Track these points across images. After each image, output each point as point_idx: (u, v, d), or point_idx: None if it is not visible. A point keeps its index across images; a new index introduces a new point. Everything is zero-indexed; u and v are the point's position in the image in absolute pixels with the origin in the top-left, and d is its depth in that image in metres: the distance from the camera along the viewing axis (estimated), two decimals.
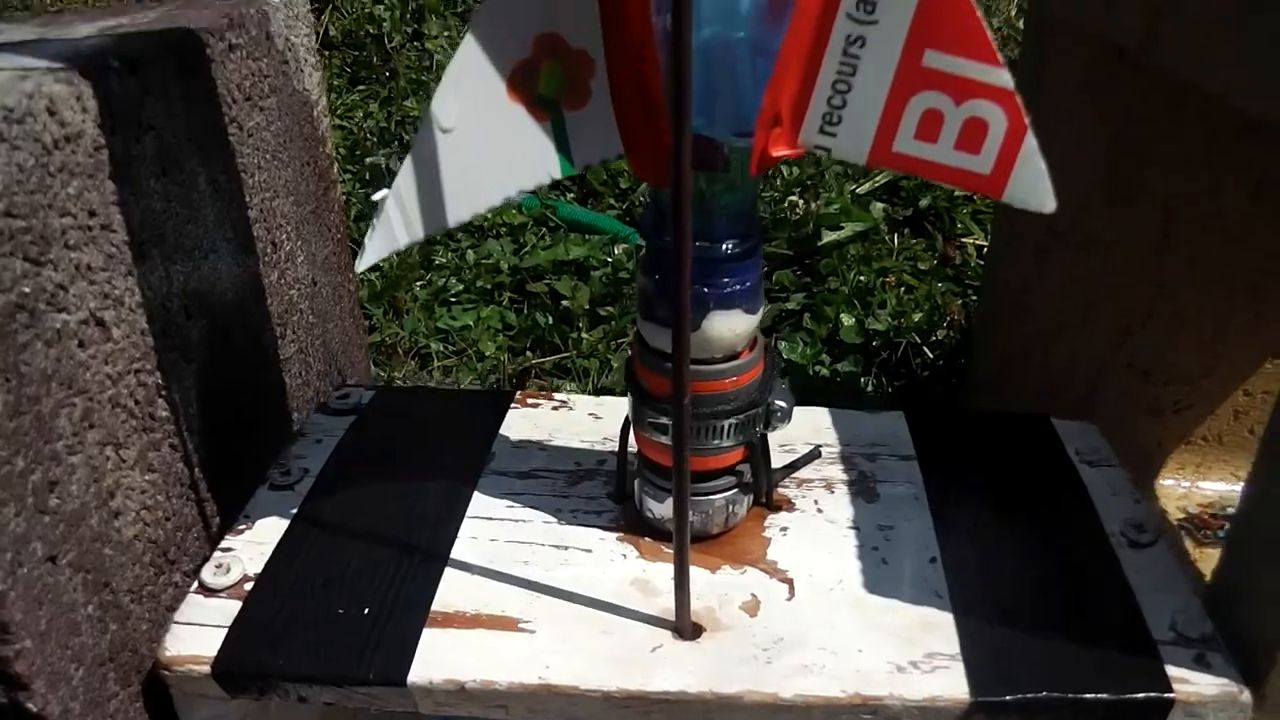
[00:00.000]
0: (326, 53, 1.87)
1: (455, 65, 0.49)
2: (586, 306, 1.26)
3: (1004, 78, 0.52)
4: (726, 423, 0.58)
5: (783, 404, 0.61)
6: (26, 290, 0.51)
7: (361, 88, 1.74)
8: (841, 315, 1.24)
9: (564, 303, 1.28)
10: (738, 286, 0.55)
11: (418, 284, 1.34)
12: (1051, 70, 0.91)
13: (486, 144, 0.51)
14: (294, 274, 0.91)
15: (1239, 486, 1.08)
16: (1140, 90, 0.86)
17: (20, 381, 0.50)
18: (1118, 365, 1.03)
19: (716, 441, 0.59)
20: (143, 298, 0.63)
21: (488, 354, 1.24)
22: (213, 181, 0.75)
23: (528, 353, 1.25)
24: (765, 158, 0.53)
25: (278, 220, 0.88)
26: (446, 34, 1.80)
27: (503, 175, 0.52)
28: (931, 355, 1.21)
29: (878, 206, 1.38)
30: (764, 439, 0.63)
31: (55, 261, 0.54)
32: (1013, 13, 1.79)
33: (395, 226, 0.51)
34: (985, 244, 1.38)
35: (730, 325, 0.56)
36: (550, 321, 1.25)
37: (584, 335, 1.23)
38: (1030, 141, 0.54)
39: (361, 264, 0.51)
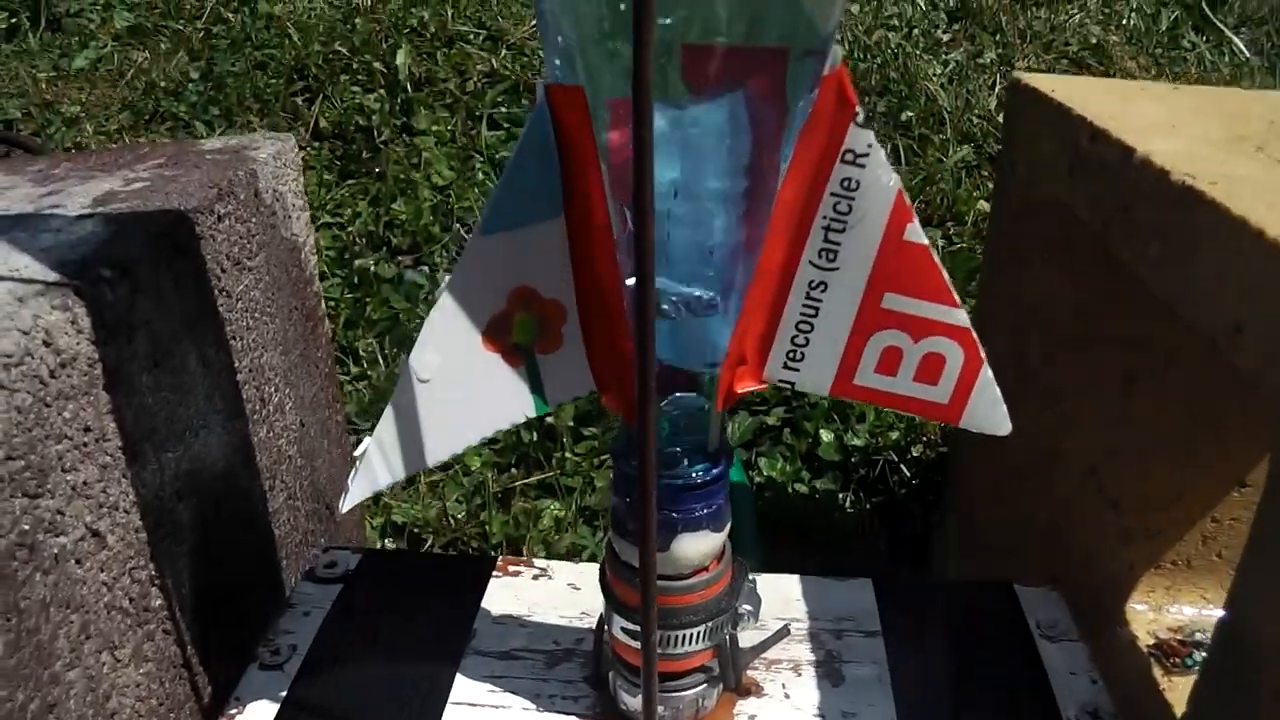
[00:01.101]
0: (316, 144, 1.90)
1: (433, 319, 0.52)
2: (570, 424, 1.29)
3: (960, 317, 0.55)
4: (695, 630, 0.61)
5: (750, 607, 0.63)
6: (26, 527, 0.54)
7: (351, 182, 1.77)
8: (821, 431, 1.26)
9: (548, 419, 1.30)
10: (705, 510, 0.58)
11: None
12: (1018, 227, 0.94)
13: (463, 391, 0.53)
14: (282, 423, 0.94)
15: (1208, 611, 1.10)
16: (1099, 253, 0.89)
17: (20, 619, 0.53)
18: (1087, 497, 1.06)
19: (685, 648, 0.61)
20: (136, 497, 0.66)
21: (473, 469, 1.26)
22: (202, 358, 0.77)
23: (513, 469, 1.27)
24: (731, 394, 0.56)
25: (266, 374, 0.90)
26: (435, 127, 1.82)
27: (479, 418, 0.55)
28: (909, 473, 1.24)
29: None
30: (733, 635, 0.65)
31: (52, 489, 0.56)
32: (992, 106, 1.83)
33: (377, 468, 0.53)
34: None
35: (697, 546, 0.58)
36: (535, 438, 1.28)
37: (568, 454, 1.25)
38: (986, 373, 0.57)
39: (344, 505, 0.53)
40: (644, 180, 0.40)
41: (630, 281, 0.51)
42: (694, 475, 0.58)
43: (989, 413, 0.57)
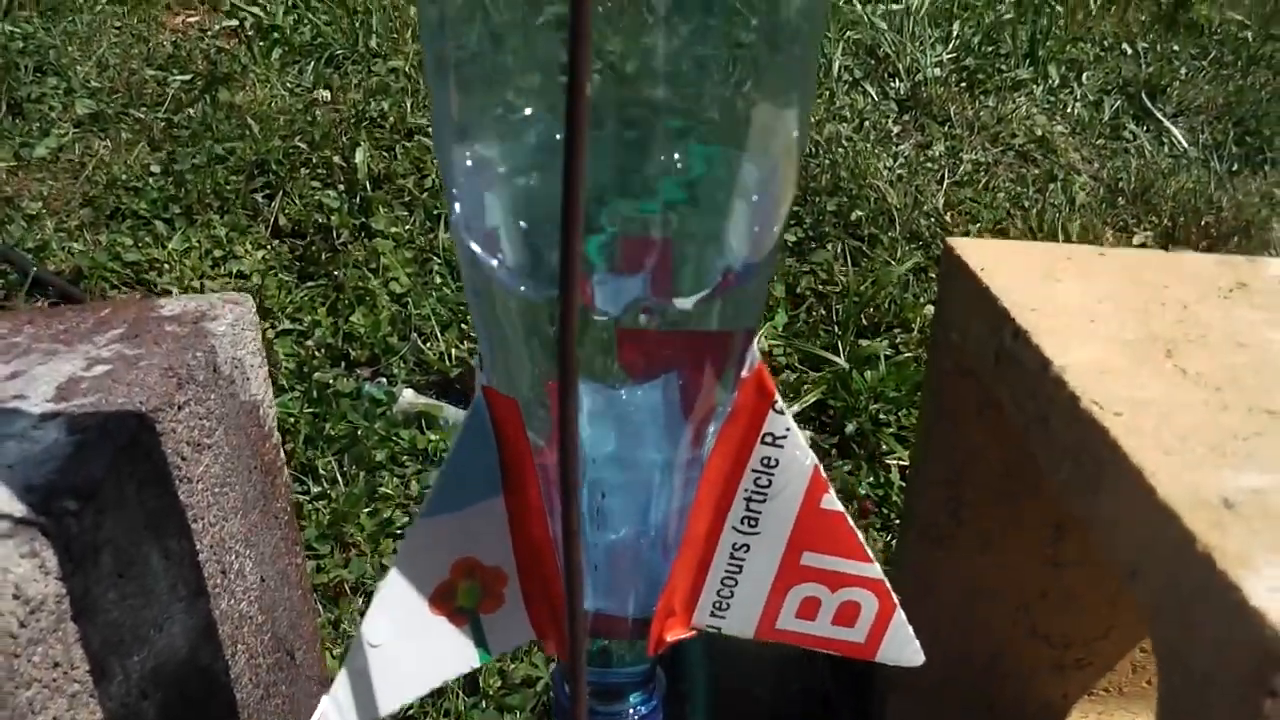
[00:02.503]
0: (276, 241, 1.93)
1: (382, 592, 0.55)
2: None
3: (874, 570, 0.59)
4: None
5: None
6: None
7: (310, 284, 1.80)
8: None
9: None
10: None
11: (365, 512, 1.40)
12: (952, 386, 0.99)
13: (413, 649, 0.57)
14: (243, 586, 0.97)
15: None
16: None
17: None
18: (1019, 634, 1.10)
19: None
20: (104, 712, 0.69)
21: None
22: (165, 552, 0.80)
23: None
24: (661, 641, 0.60)
25: (227, 544, 0.93)
26: (393, 229, 1.86)
27: (428, 671, 0.58)
28: None
29: (804, 435, 1.45)
30: None
31: None
32: (940, 204, 1.88)
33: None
34: (907, 464, 1.45)
35: None
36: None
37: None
38: (899, 616, 0.61)
39: None
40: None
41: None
42: (630, 710, 0.61)
43: (902, 648, 0.61)
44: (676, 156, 0.51)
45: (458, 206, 0.50)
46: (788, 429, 0.55)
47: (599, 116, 0.48)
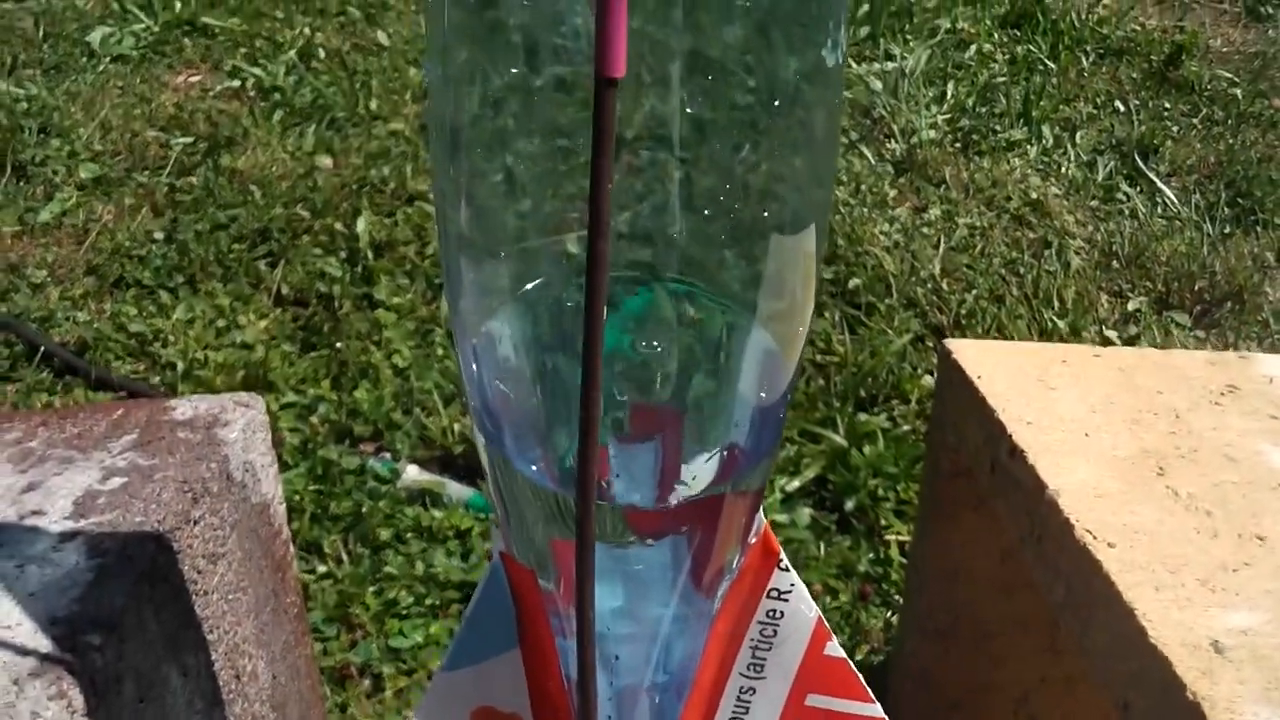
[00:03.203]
0: (278, 309, 1.95)
1: None
2: None
3: (876, 709, 0.61)
4: None
5: None
6: None
7: (313, 354, 1.82)
8: None
9: None
10: None
11: (370, 592, 1.41)
12: (949, 485, 1.01)
13: None
14: (255, 688, 0.98)
15: None
16: None
17: None
18: None
19: None
20: None
21: None
22: (183, 669, 0.82)
23: None
24: None
25: (241, 649, 0.95)
26: (395, 299, 1.88)
27: None
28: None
29: (804, 514, 1.47)
30: None
31: None
32: (937, 271, 1.90)
33: None
34: (908, 539, 1.47)
35: None
36: None
37: None
38: None
39: None
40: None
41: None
42: None
43: None
44: (690, 313, 0.53)
45: (470, 391, 0.52)
46: (792, 584, 0.57)
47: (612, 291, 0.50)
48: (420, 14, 2.99)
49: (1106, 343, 1.85)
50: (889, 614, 1.40)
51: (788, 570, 0.57)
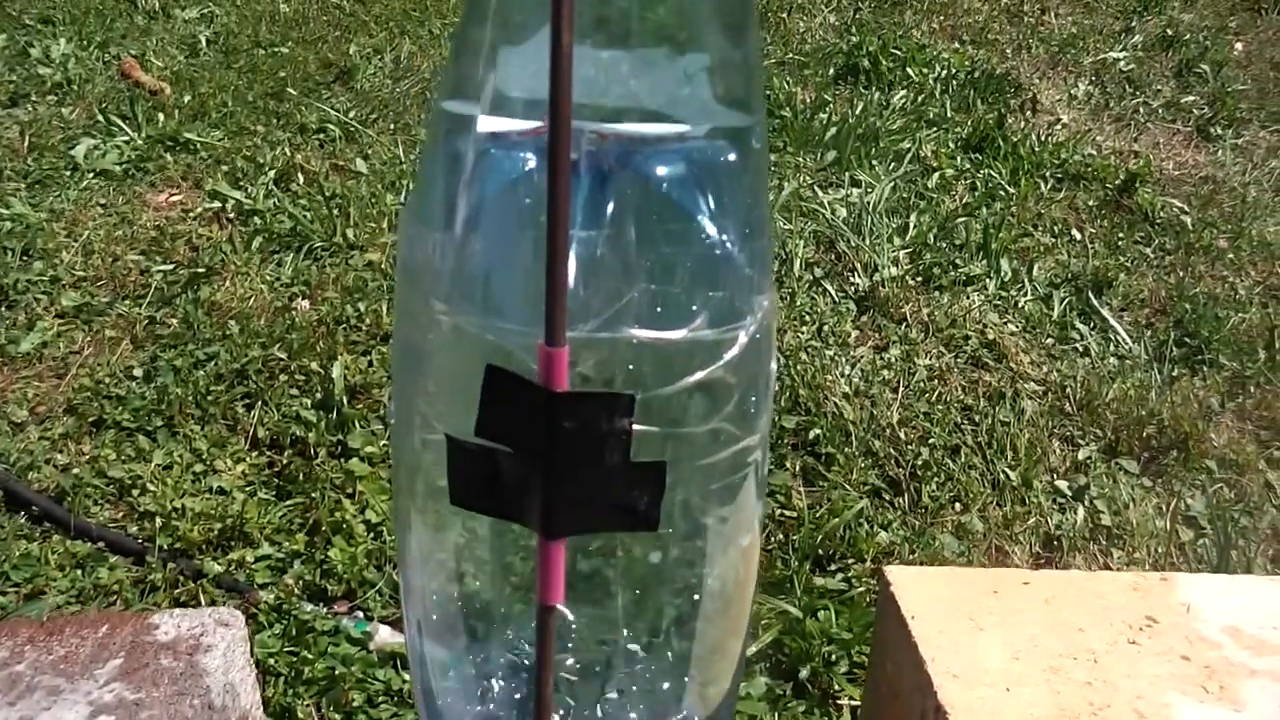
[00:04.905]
0: (254, 452, 2.01)
1: None
2: None
3: None
4: None
5: None
6: None
7: (288, 503, 1.87)
8: None
9: None
10: None
11: None
12: (885, 710, 1.06)
13: None
14: None
15: None
16: None
17: None
18: None
19: None
20: None
21: None
22: None
23: None
24: None
25: None
26: (368, 448, 1.94)
27: None
28: None
29: (760, 682, 1.53)
30: None
31: None
32: (895, 420, 1.96)
33: None
34: (857, 703, 1.52)
35: None
36: None
37: None
38: None
39: None
40: None
41: None
42: None
43: None
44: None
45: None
46: None
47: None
48: (397, 138, 3.07)
49: (1057, 494, 1.92)
50: None
51: None
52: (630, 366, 0.50)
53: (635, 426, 0.48)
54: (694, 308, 0.50)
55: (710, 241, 0.50)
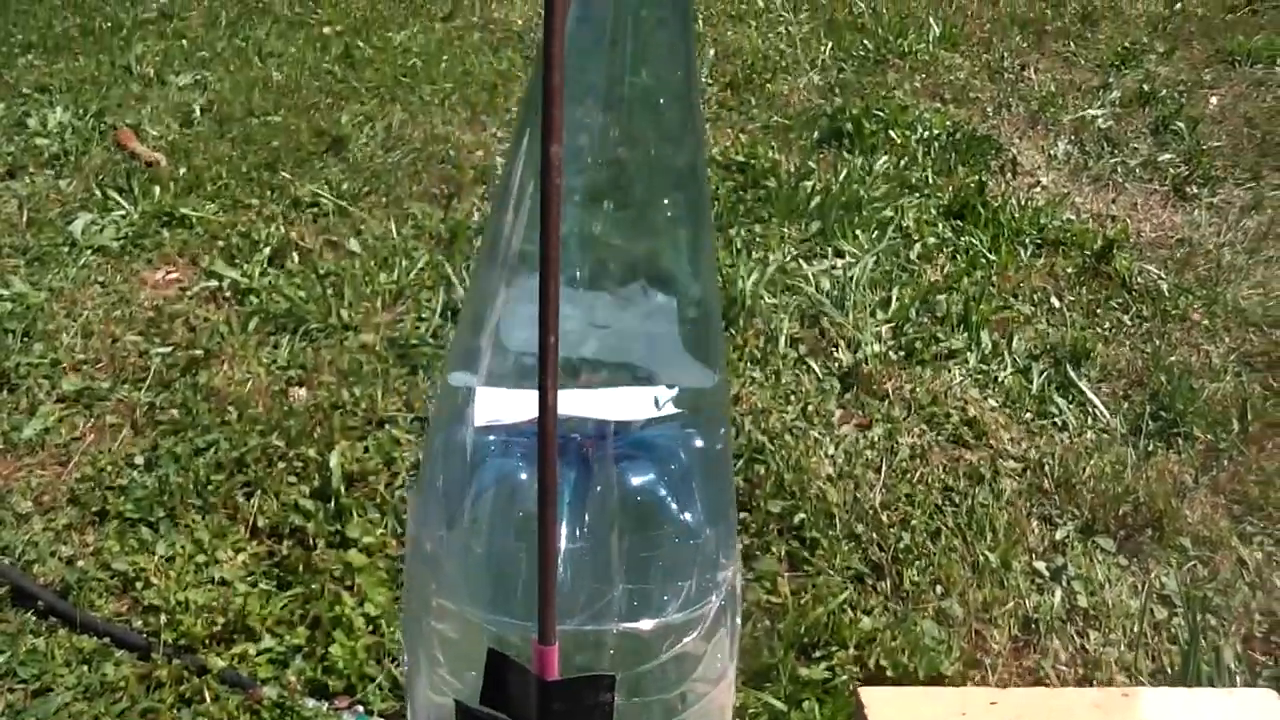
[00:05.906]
0: (254, 541, 2.06)
1: None
2: None
3: None
4: None
5: None
6: None
7: (289, 594, 1.92)
8: None
9: None
10: None
11: None
12: None
13: None
14: None
15: None
16: None
17: None
18: None
19: None
20: None
21: None
22: None
23: None
24: None
25: None
26: (367, 538, 1.99)
27: None
28: None
29: None
30: None
31: None
32: (877, 503, 2.01)
33: None
34: None
35: None
36: None
37: None
38: None
39: None
40: None
41: None
42: None
43: None
44: None
45: None
46: None
47: None
48: (390, 212, 3.13)
49: (1035, 575, 1.98)
50: None
51: None
52: (611, 652, 0.56)
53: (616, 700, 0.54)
54: (665, 598, 0.56)
55: (683, 541, 0.56)
